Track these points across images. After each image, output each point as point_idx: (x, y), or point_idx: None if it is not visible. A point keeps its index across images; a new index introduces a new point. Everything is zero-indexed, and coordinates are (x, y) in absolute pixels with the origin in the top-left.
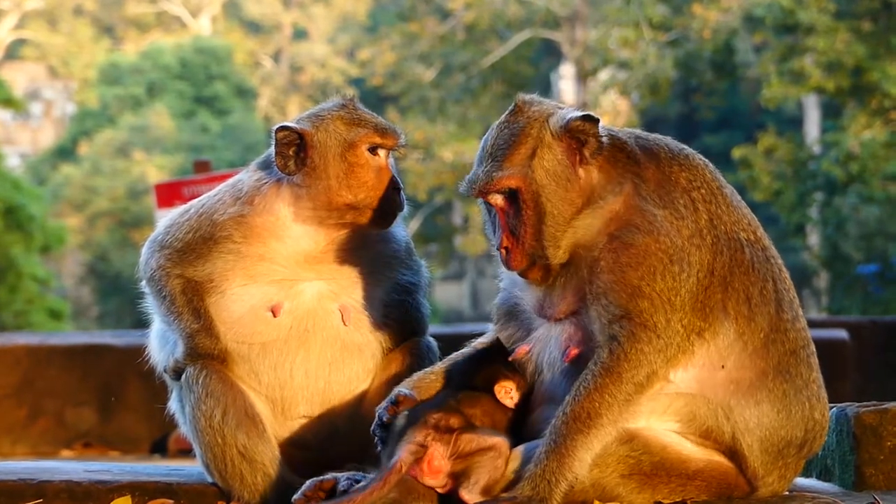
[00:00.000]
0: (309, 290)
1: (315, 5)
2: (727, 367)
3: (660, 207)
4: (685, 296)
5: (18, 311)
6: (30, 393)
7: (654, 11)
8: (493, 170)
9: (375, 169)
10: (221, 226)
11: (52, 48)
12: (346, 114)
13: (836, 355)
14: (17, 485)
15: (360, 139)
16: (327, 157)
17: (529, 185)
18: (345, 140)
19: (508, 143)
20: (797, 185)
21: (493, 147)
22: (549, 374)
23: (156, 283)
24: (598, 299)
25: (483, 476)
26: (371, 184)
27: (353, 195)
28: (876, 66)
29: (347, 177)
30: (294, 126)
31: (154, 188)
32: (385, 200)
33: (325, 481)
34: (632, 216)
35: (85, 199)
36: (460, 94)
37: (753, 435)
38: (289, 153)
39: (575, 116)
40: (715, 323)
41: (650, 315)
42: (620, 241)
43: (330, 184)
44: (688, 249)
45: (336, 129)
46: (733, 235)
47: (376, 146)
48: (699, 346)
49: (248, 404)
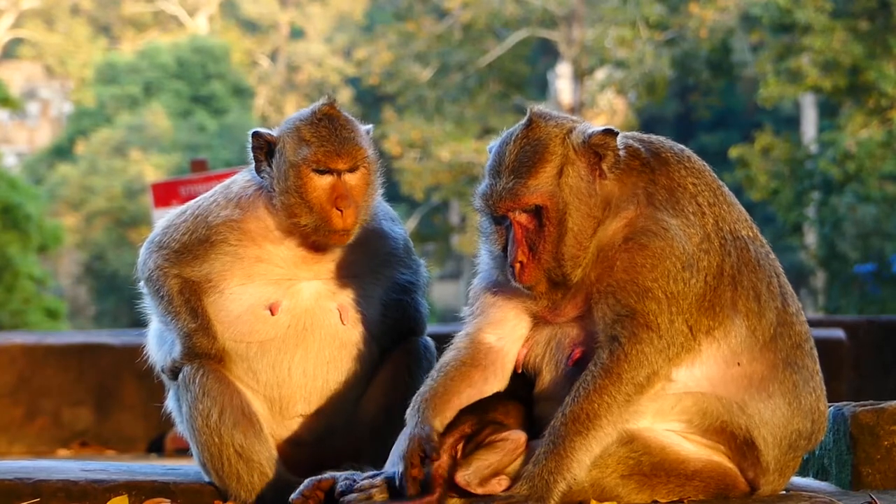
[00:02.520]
0: (307, 289)
1: (312, 5)
2: (742, 363)
3: (673, 216)
4: (692, 299)
5: (15, 310)
6: (26, 392)
7: (650, 11)
8: (517, 186)
9: (319, 189)
10: (216, 228)
11: (48, 47)
12: (303, 129)
13: (833, 355)
14: (13, 484)
15: (303, 161)
16: (281, 169)
17: (556, 204)
18: (289, 162)
19: (532, 160)
20: (794, 184)
21: (514, 162)
22: (550, 377)
23: (154, 283)
24: (605, 298)
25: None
26: (314, 206)
27: (298, 218)
28: (873, 65)
29: (291, 198)
30: (263, 132)
31: (151, 187)
32: (328, 222)
33: (324, 480)
34: (647, 223)
35: (82, 199)
36: (457, 94)
37: (768, 427)
38: (261, 157)
39: (596, 131)
40: (725, 321)
41: (655, 316)
42: (636, 243)
43: (281, 200)
44: (697, 255)
45: (288, 145)
46: (737, 234)
47: (323, 169)
48: (708, 345)
49: (244, 403)
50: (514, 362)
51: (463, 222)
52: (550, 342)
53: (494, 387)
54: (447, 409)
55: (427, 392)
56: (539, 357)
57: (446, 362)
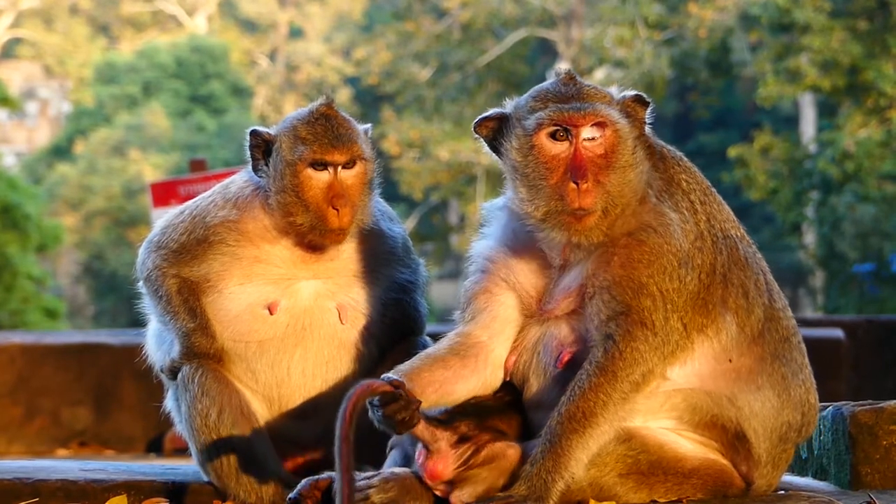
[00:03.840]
0: (306, 288)
1: (311, 4)
2: (733, 359)
3: (672, 210)
4: (686, 296)
5: (14, 310)
6: (25, 392)
7: (649, 10)
8: (591, 102)
9: (316, 188)
10: (214, 229)
11: (47, 47)
12: (299, 127)
13: (832, 354)
14: (12, 484)
15: (300, 159)
16: (278, 168)
17: (618, 131)
18: (285, 161)
19: (597, 91)
20: (793, 184)
21: (581, 89)
22: (538, 383)
23: (152, 283)
24: (600, 294)
25: (480, 486)
26: (310, 205)
27: (293, 217)
28: (871, 64)
29: (287, 197)
30: (261, 131)
31: (150, 187)
32: (323, 221)
33: (322, 480)
34: (648, 216)
35: (81, 198)
36: (456, 93)
37: (758, 419)
38: (258, 156)
39: (631, 94)
40: (717, 319)
41: (650, 313)
42: (635, 239)
43: (277, 199)
44: (692, 253)
45: (284, 144)
46: (727, 233)
47: (321, 164)
48: (700, 343)
49: (243, 403)
50: (504, 368)
51: (462, 222)
52: (537, 345)
53: (473, 380)
54: (416, 377)
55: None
56: (526, 363)
57: (428, 351)
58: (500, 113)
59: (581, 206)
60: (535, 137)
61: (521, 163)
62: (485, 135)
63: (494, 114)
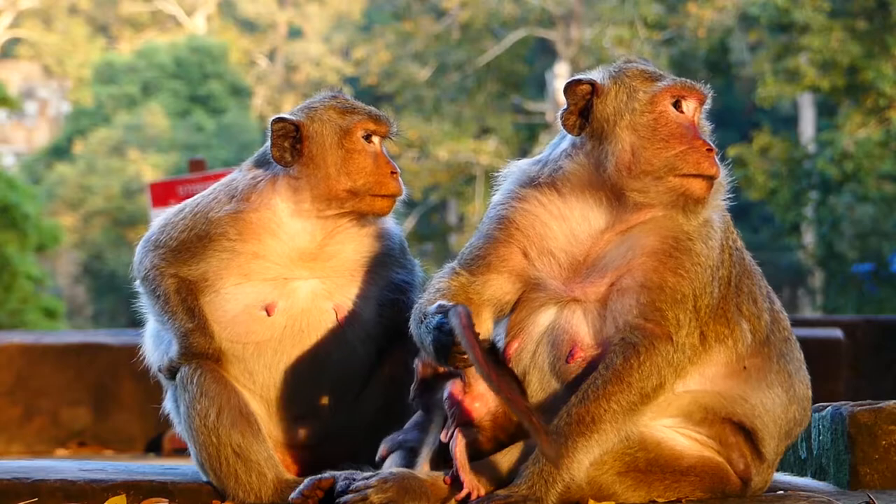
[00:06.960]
0: (303, 288)
1: (310, 4)
2: (747, 365)
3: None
4: (710, 310)
5: (13, 310)
6: (24, 392)
7: (648, 10)
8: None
9: (371, 155)
10: (217, 223)
11: (46, 47)
12: (339, 103)
13: (831, 354)
14: (11, 484)
15: (354, 126)
16: (324, 145)
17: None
18: (340, 127)
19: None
20: (792, 184)
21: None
22: (540, 376)
23: (150, 283)
24: (637, 293)
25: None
26: (369, 169)
27: (353, 181)
28: (871, 64)
29: (345, 163)
30: (290, 117)
31: (149, 187)
32: (383, 185)
33: (324, 480)
34: (700, 228)
35: (80, 198)
36: (455, 93)
37: (770, 416)
38: (285, 145)
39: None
40: (736, 328)
41: (677, 328)
42: (683, 246)
43: (328, 171)
44: (718, 266)
45: (330, 117)
46: (737, 243)
47: (370, 133)
48: (718, 351)
49: (242, 403)
50: (505, 355)
51: (461, 222)
52: (545, 336)
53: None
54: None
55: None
56: (529, 355)
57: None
58: (592, 80)
59: (715, 172)
60: (660, 103)
61: (642, 124)
62: (578, 97)
63: (587, 79)
